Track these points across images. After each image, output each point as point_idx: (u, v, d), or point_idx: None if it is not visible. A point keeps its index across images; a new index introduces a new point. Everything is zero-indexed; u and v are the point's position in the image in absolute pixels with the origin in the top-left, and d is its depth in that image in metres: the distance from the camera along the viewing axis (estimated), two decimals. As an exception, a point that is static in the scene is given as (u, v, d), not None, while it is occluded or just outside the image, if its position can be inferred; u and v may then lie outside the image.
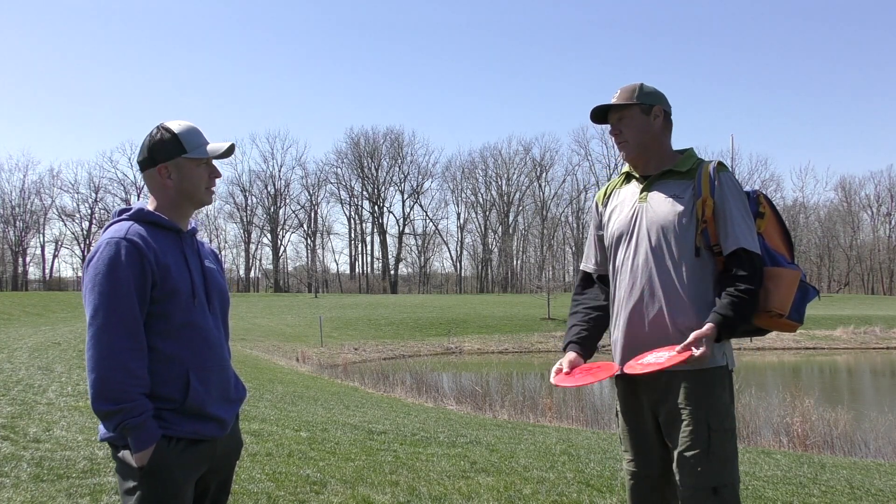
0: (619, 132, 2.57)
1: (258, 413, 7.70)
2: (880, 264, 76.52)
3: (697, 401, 2.36)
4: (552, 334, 37.37)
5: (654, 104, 2.56)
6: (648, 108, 2.56)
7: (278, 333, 32.95)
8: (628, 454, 2.57)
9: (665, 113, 2.59)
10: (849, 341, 36.21)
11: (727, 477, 2.34)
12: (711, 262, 2.46)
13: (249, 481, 4.31)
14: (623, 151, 2.59)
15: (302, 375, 18.11)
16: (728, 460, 2.35)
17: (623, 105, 2.55)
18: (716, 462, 2.32)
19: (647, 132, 2.56)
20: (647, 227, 2.50)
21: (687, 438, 2.33)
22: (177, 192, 2.07)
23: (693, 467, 2.31)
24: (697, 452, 2.31)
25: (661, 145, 2.59)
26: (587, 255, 2.80)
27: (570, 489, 4.70)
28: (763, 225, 2.55)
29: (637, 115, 2.55)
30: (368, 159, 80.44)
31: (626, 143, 2.57)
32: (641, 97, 2.55)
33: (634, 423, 2.54)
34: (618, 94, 2.59)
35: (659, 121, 2.57)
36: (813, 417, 11.28)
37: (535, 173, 79.95)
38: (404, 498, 4.20)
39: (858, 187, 79.24)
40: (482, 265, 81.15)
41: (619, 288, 2.56)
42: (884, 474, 6.52)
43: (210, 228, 79.71)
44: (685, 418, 2.35)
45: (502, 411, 12.79)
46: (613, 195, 2.69)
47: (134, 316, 1.88)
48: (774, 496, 4.89)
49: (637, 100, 2.54)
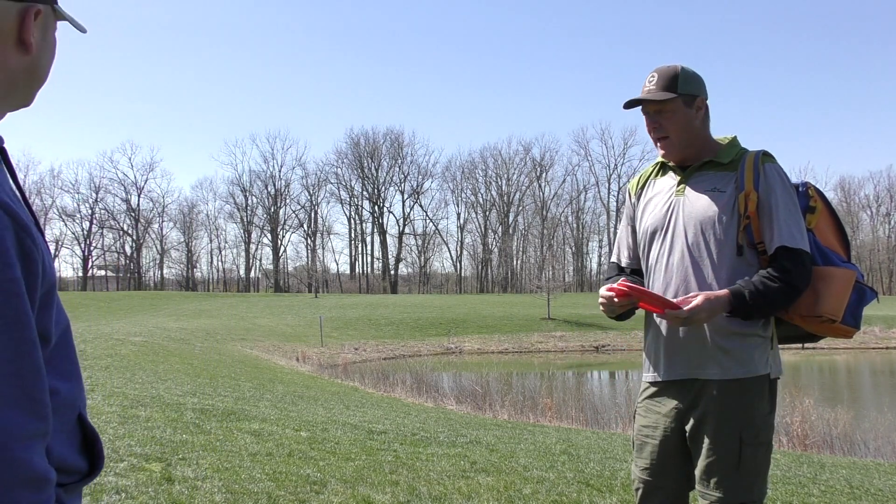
0: (659, 126, 2.29)
1: (258, 413, 7.70)
2: (880, 264, 76.53)
3: (731, 411, 2.17)
4: (552, 334, 37.38)
5: (697, 94, 2.28)
6: (692, 99, 2.27)
7: (278, 333, 32.95)
8: (643, 461, 2.32)
9: (706, 103, 2.33)
10: (848, 341, 36.15)
11: (756, 493, 2.17)
12: (756, 261, 2.23)
13: (249, 481, 4.31)
14: (664, 150, 2.33)
15: (302, 375, 18.12)
16: (759, 475, 2.18)
17: (664, 99, 2.25)
18: (745, 477, 2.15)
19: (691, 127, 2.29)
20: (685, 223, 2.26)
21: (716, 450, 2.16)
22: (30, 65, 1.10)
23: (720, 482, 2.15)
24: (726, 466, 2.14)
25: (703, 139, 2.33)
26: (619, 247, 2.53)
27: (570, 489, 4.70)
28: (814, 220, 2.29)
29: (679, 108, 2.26)
30: (368, 159, 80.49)
31: (667, 141, 2.30)
32: (684, 86, 2.25)
33: (655, 429, 2.31)
34: (655, 79, 2.28)
35: (702, 113, 2.31)
36: (812, 417, 11.30)
37: (535, 173, 80.00)
38: (404, 498, 4.21)
39: (858, 187, 79.36)
40: (482, 265, 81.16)
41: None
42: (883, 474, 6.53)
43: (210, 228, 79.83)
44: (716, 428, 2.17)
45: (502, 411, 12.79)
46: (648, 186, 2.44)
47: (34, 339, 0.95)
48: (774, 496, 4.89)
49: (680, 90, 2.25)
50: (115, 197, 75.50)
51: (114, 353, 14.91)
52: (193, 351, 19.89)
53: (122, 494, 3.82)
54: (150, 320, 32.43)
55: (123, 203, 75.88)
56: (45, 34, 1.12)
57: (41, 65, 1.12)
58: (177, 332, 25.45)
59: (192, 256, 79.81)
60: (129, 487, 3.96)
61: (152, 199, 77.48)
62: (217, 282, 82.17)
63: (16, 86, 1.09)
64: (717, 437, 2.17)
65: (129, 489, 3.93)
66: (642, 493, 2.34)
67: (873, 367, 29.18)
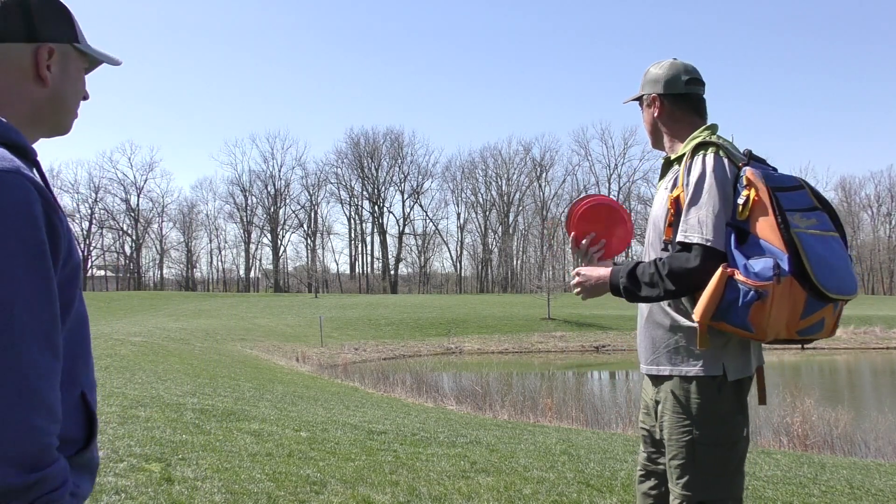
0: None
1: (258, 413, 7.70)
2: (880, 264, 76.53)
3: (683, 409, 2.21)
4: (552, 334, 37.38)
5: (647, 93, 2.42)
6: (648, 97, 2.44)
7: (278, 333, 32.94)
8: (643, 446, 2.48)
9: (661, 97, 2.38)
10: (849, 341, 36.21)
11: (718, 492, 2.18)
12: None
13: (249, 481, 4.31)
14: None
15: (302, 375, 18.11)
16: (719, 475, 2.18)
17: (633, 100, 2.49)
18: (700, 475, 2.17)
19: (654, 125, 2.44)
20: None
21: (672, 447, 2.23)
22: (51, 96, 1.27)
23: (677, 477, 2.21)
24: (682, 462, 2.19)
25: (671, 132, 2.40)
26: None
27: (570, 489, 4.70)
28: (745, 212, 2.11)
29: (643, 109, 2.47)
30: (368, 159, 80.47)
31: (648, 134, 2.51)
32: (644, 87, 2.44)
33: (651, 422, 2.44)
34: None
35: (654, 108, 2.40)
36: (813, 417, 11.29)
37: (535, 173, 80.00)
38: (404, 498, 4.20)
39: (858, 187, 79.39)
40: (482, 265, 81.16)
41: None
42: (884, 474, 6.52)
43: (210, 228, 79.84)
44: (671, 426, 2.24)
45: (502, 411, 12.79)
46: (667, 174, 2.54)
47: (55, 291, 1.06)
48: (774, 496, 4.89)
49: (641, 91, 2.45)
50: (114, 197, 75.59)
51: (113, 354, 14.90)
52: (193, 351, 19.88)
53: (122, 495, 3.82)
54: (149, 320, 32.44)
55: (123, 203, 75.96)
56: (64, 68, 1.28)
57: (63, 96, 1.29)
58: (176, 333, 25.44)
59: (191, 256, 79.85)
60: (129, 488, 3.95)
61: (152, 199, 77.55)
62: (217, 282, 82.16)
63: (41, 115, 1.27)
64: (671, 433, 2.23)
65: (129, 489, 3.92)
66: (640, 474, 2.48)
67: (874, 367, 29.17)
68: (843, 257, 2.13)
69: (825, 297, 2.05)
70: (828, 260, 2.06)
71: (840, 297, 2.08)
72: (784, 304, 2.04)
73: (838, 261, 2.09)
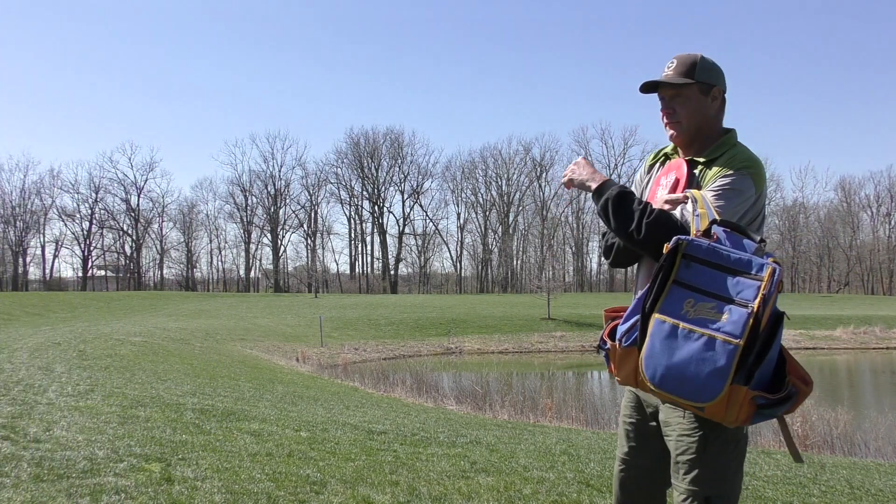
0: (673, 111, 2.33)
1: (258, 413, 7.70)
2: (880, 264, 76.52)
3: None
4: (552, 334, 37.36)
5: (714, 84, 2.31)
6: (708, 87, 2.31)
7: (278, 333, 32.93)
8: (623, 441, 2.45)
9: (723, 94, 2.35)
10: (849, 341, 36.21)
11: (725, 488, 2.17)
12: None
13: (249, 481, 4.31)
14: (673, 131, 2.36)
15: (302, 375, 18.10)
16: (727, 471, 2.19)
17: (681, 84, 2.29)
18: (710, 470, 2.16)
19: (704, 115, 2.32)
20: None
21: (682, 442, 2.21)
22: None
23: (686, 472, 2.18)
24: (692, 457, 2.17)
25: (713, 130, 2.35)
26: None
27: (570, 489, 4.70)
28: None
29: (695, 94, 2.30)
30: (368, 159, 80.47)
31: (678, 125, 2.33)
32: (701, 74, 2.29)
33: (636, 416, 2.43)
34: (674, 65, 2.32)
35: (717, 103, 2.34)
36: (813, 417, 11.29)
37: (535, 173, 79.99)
38: (404, 498, 4.20)
39: (858, 187, 79.42)
40: (482, 265, 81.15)
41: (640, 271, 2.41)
42: (884, 474, 6.52)
43: (210, 228, 79.82)
44: (682, 421, 2.22)
45: (502, 411, 12.79)
46: (654, 169, 2.50)
47: None
48: (774, 496, 4.89)
49: (697, 77, 2.28)
50: (114, 197, 75.62)
51: (113, 354, 14.90)
52: (193, 351, 19.88)
53: (122, 495, 3.82)
54: (149, 320, 32.43)
55: (123, 203, 75.98)
56: None
57: None
58: (176, 333, 25.43)
59: (191, 256, 79.84)
60: (129, 488, 3.96)
61: (152, 199, 77.57)
62: (217, 282, 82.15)
63: None
64: (682, 430, 2.21)
65: (129, 489, 3.92)
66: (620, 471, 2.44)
67: (874, 368, 29.16)
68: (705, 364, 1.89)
69: (647, 386, 1.99)
70: (660, 355, 1.95)
71: (663, 395, 1.97)
72: (627, 367, 2.07)
73: (682, 361, 1.92)
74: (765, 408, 1.94)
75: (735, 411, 1.93)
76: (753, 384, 1.91)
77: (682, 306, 1.96)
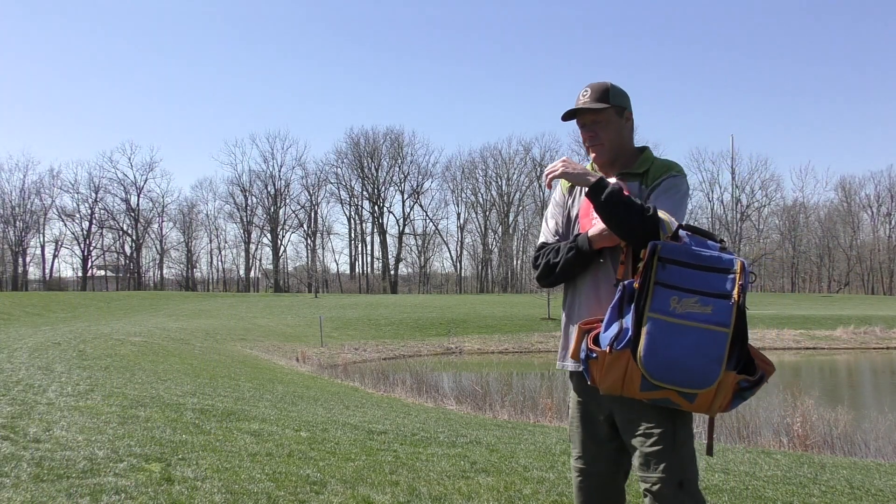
0: (595, 134, 2.58)
1: (258, 413, 7.70)
2: (880, 264, 76.52)
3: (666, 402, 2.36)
4: (552, 334, 37.34)
5: (625, 107, 2.59)
6: (621, 110, 2.58)
7: (278, 333, 32.94)
8: (577, 450, 2.59)
9: (632, 116, 2.64)
10: (849, 341, 36.21)
11: (691, 472, 2.35)
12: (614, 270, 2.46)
13: (249, 481, 4.31)
14: (596, 153, 2.60)
15: (302, 375, 18.11)
16: (692, 456, 2.39)
17: (599, 108, 2.56)
18: (679, 457, 2.33)
19: (621, 135, 2.59)
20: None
21: (653, 435, 2.33)
22: None
23: (657, 462, 2.31)
24: (664, 448, 2.31)
25: (629, 148, 2.62)
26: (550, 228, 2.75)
27: (570, 489, 4.69)
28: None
29: (612, 117, 2.57)
30: (368, 159, 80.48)
31: (601, 147, 2.59)
32: (615, 98, 2.56)
33: (588, 420, 2.56)
34: (588, 93, 2.58)
35: (630, 124, 2.62)
36: (813, 417, 11.27)
37: (535, 173, 79.92)
38: (404, 498, 4.20)
39: (858, 187, 79.42)
40: (482, 265, 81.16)
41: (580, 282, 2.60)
42: (884, 474, 6.53)
43: (210, 228, 79.83)
44: (651, 416, 2.34)
45: (502, 411, 12.78)
46: (576, 189, 2.68)
47: None
48: (774, 496, 4.89)
49: (612, 101, 2.56)
50: (114, 197, 75.63)
51: (113, 353, 14.90)
52: (193, 351, 19.88)
53: (122, 494, 3.82)
54: (149, 320, 32.43)
55: (123, 203, 75.98)
56: None
57: None
58: (176, 332, 25.44)
59: (191, 256, 79.85)
60: (129, 487, 3.96)
61: (152, 199, 77.58)
62: (217, 282, 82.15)
63: None
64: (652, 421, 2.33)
65: (129, 489, 3.92)
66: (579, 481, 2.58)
67: (874, 367, 29.16)
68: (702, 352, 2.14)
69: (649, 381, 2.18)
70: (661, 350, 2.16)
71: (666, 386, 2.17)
72: (614, 373, 2.23)
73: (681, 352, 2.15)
74: (745, 390, 2.19)
75: (722, 396, 2.18)
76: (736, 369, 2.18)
77: (669, 303, 2.19)
